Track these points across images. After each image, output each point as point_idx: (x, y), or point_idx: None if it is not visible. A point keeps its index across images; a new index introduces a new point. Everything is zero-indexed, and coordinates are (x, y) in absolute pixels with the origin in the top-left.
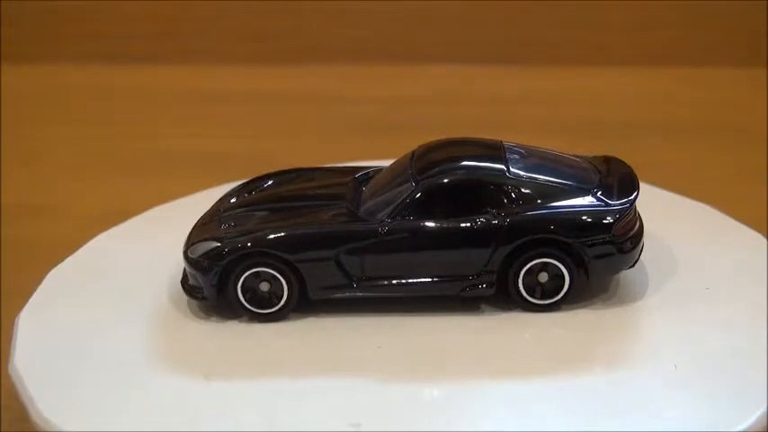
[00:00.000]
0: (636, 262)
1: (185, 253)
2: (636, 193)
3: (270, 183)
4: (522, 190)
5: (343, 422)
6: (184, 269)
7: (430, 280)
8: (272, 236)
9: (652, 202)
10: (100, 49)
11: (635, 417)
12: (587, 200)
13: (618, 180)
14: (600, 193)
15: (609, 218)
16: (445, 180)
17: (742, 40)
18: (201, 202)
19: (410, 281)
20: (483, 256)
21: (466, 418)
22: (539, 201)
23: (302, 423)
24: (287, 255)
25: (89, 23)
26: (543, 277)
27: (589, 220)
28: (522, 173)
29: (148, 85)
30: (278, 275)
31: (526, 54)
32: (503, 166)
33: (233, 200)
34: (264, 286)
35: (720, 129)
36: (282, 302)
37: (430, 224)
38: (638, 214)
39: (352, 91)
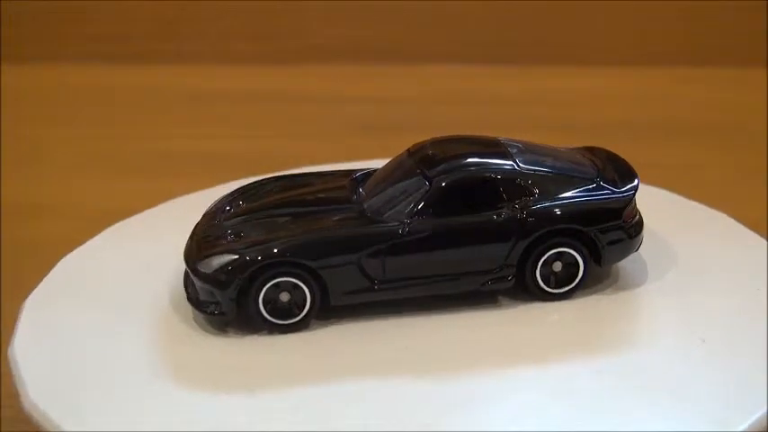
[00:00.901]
0: (639, 247)
1: (195, 269)
2: (637, 180)
3: (263, 190)
4: (533, 183)
5: (400, 424)
6: (186, 283)
7: (451, 277)
8: (293, 244)
9: (652, 202)
10: (100, 49)
11: (636, 417)
12: (594, 189)
13: (615, 168)
14: (603, 181)
15: (618, 205)
16: (462, 177)
17: (742, 40)
18: (201, 202)
19: (431, 279)
20: (504, 249)
21: (502, 411)
22: (550, 193)
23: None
24: (311, 262)
25: (89, 23)
26: (557, 266)
27: (601, 207)
28: (529, 167)
29: (148, 85)
30: (300, 284)
31: (526, 54)
32: (511, 161)
33: (228, 208)
34: (284, 296)
35: (720, 129)
36: (306, 311)
37: (452, 221)
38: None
39: (352, 91)
